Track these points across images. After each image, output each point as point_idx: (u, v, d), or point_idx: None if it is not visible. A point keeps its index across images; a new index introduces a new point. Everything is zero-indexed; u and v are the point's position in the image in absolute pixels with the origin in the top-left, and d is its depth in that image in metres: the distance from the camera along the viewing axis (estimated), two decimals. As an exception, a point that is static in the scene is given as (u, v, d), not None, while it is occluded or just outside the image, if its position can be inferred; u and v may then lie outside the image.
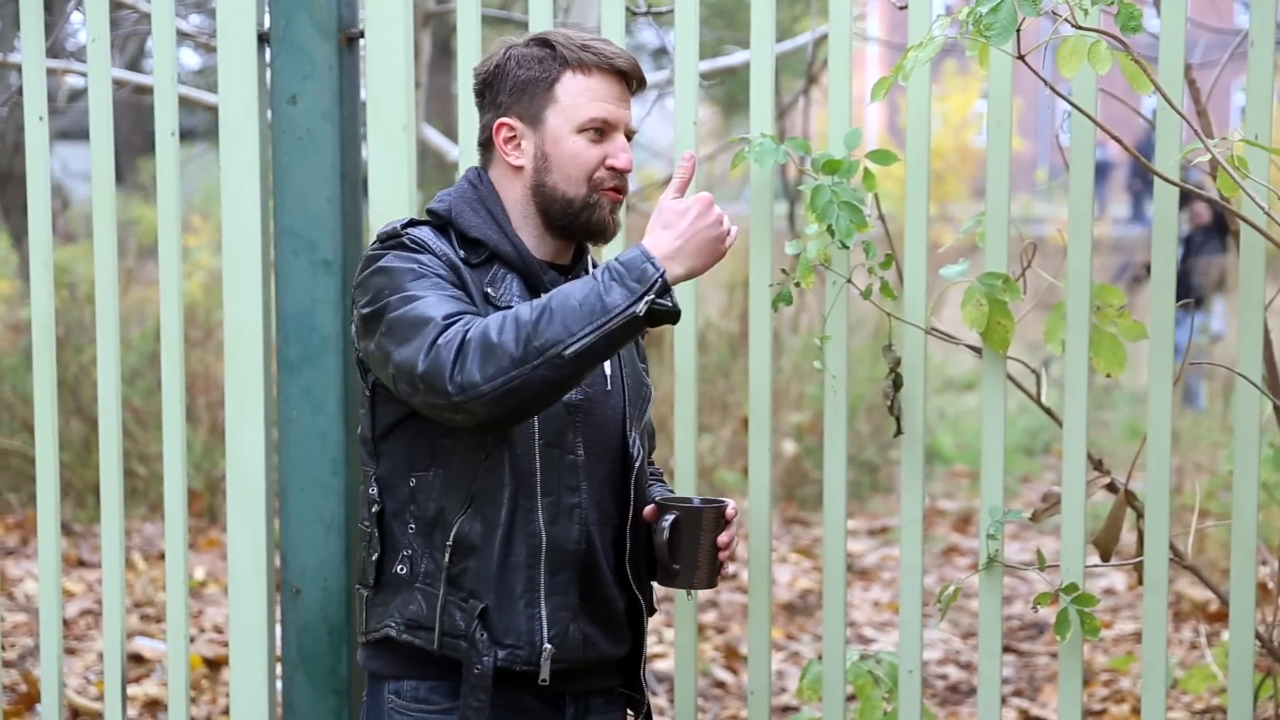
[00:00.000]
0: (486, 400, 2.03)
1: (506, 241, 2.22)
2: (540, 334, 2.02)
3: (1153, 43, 2.57)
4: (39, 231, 3.02)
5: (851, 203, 2.55)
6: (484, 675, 2.16)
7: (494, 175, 2.27)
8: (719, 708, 4.74)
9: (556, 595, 2.19)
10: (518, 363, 2.01)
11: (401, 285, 2.13)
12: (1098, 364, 2.63)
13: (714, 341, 8.05)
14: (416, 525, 2.23)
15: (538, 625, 2.18)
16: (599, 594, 2.25)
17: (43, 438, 3.04)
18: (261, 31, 2.89)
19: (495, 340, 2.02)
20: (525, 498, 2.18)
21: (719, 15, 10.34)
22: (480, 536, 2.18)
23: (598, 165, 2.21)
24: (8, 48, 6.32)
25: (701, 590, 2.30)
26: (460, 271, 2.18)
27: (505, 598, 2.18)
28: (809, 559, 6.50)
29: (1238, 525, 2.59)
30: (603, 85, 2.21)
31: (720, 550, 2.25)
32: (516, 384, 2.02)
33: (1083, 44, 2.29)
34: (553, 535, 2.18)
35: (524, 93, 2.22)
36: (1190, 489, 5.96)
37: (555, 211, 2.23)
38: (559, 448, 2.19)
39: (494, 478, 2.17)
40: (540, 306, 2.04)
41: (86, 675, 4.83)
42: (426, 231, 2.22)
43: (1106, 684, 4.84)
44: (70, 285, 7.56)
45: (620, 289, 2.04)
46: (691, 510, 2.24)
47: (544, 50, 2.22)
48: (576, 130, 2.20)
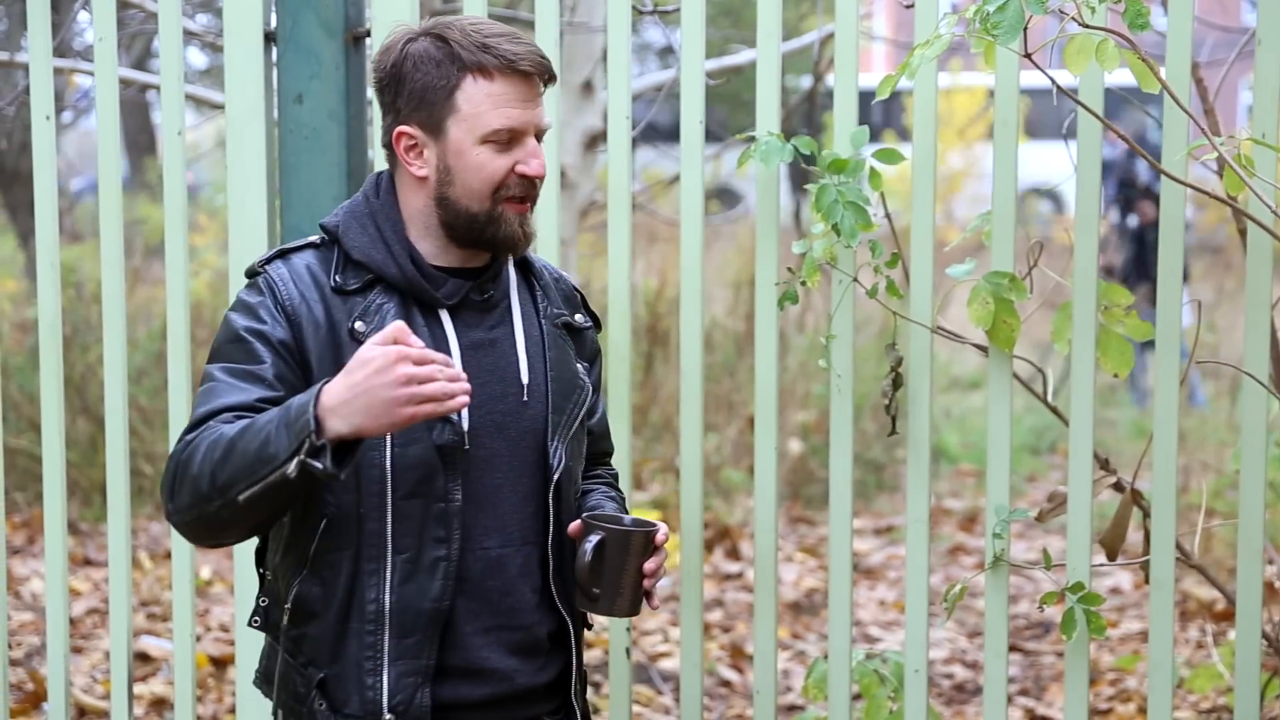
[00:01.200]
0: (187, 526, 1.99)
1: (392, 263, 2.09)
2: (222, 472, 1.93)
3: (1160, 41, 2.57)
4: (46, 231, 3.02)
5: (856, 202, 2.54)
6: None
7: (398, 182, 2.14)
8: (724, 707, 4.74)
9: (404, 660, 2.06)
10: (205, 499, 1.95)
11: (219, 349, 2.07)
12: (1105, 364, 2.63)
13: (720, 340, 8.05)
14: (269, 574, 2.16)
15: (377, 695, 2.06)
16: (517, 622, 2.13)
17: (49, 436, 3.05)
18: (268, 31, 2.89)
19: (195, 471, 1.95)
20: (370, 559, 2.06)
21: (725, 14, 10.34)
22: (319, 601, 2.08)
23: (505, 176, 2.06)
24: (15, 47, 6.32)
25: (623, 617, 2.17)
26: (300, 322, 2.05)
27: (345, 667, 2.07)
28: (815, 558, 6.50)
29: (1244, 524, 2.59)
30: (507, 89, 2.04)
31: (646, 577, 2.10)
32: (208, 518, 1.96)
33: (1090, 42, 2.29)
34: (403, 596, 2.06)
35: (423, 100, 2.06)
36: (1197, 488, 5.95)
37: (459, 225, 2.09)
38: (423, 497, 2.06)
39: (333, 540, 2.06)
40: (230, 439, 1.93)
41: (93, 674, 4.84)
42: (295, 264, 2.10)
43: (1113, 683, 4.83)
44: (77, 284, 7.57)
45: (284, 434, 1.88)
46: (619, 533, 2.09)
47: (442, 50, 2.05)
48: (480, 141, 2.05)
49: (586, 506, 2.25)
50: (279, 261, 2.13)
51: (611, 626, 2.80)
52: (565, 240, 4.67)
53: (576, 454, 2.21)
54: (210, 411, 2.00)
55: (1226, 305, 9.20)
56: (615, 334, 2.78)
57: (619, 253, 2.77)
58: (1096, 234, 2.61)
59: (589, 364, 2.26)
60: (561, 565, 2.16)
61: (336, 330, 2.07)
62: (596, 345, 2.31)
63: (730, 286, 8.81)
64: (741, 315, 8.26)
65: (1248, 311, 2.57)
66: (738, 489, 7.01)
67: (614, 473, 2.41)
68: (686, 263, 2.76)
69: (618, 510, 2.28)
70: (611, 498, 2.32)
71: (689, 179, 2.75)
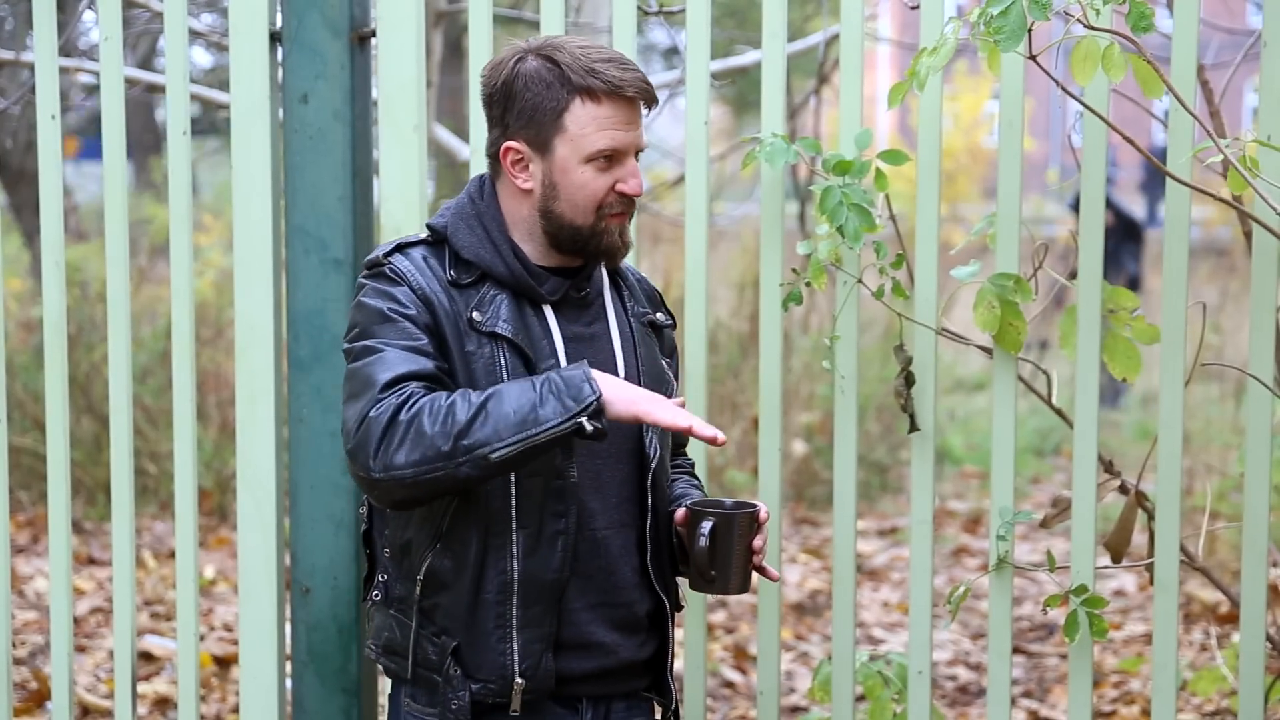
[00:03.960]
0: (408, 484, 2.07)
1: (500, 262, 2.21)
2: (471, 434, 2.04)
3: (1165, 43, 2.57)
4: (51, 230, 3.03)
5: (861, 204, 2.54)
6: (461, 710, 2.18)
7: (501, 190, 2.25)
8: (728, 708, 4.74)
9: (530, 628, 2.18)
10: (445, 457, 2.05)
11: (369, 329, 2.16)
12: (1113, 368, 2.62)
13: (724, 341, 8.05)
14: (391, 551, 2.26)
15: (509, 660, 2.18)
16: (619, 600, 2.25)
17: (54, 436, 3.05)
18: (273, 30, 2.89)
19: (428, 431, 2.05)
20: (497, 534, 2.17)
21: (730, 15, 10.33)
22: (451, 574, 2.19)
23: (607, 193, 2.19)
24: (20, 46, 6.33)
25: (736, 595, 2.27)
26: (435, 306, 2.17)
27: (476, 634, 2.19)
28: (818, 559, 6.50)
29: (1249, 527, 2.58)
30: (612, 112, 2.16)
31: (754, 554, 2.22)
32: (439, 476, 2.06)
33: (1096, 49, 2.28)
34: (528, 568, 2.18)
35: (531, 119, 2.17)
36: (1201, 490, 5.95)
37: (564, 236, 2.21)
38: (542, 475, 2.17)
39: (463, 516, 2.17)
40: (478, 405, 2.06)
41: (96, 673, 4.84)
42: (414, 256, 2.21)
43: (1116, 685, 4.83)
44: (82, 284, 7.58)
45: (556, 404, 2.05)
46: (726, 516, 2.20)
47: (552, 72, 2.16)
48: (585, 160, 2.17)
49: (675, 494, 2.36)
50: (399, 254, 2.22)
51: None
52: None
53: (666, 444, 2.33)
54: (400, 375, 2.10)
55: (1231, 307, 9.20)
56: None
57: (623, 253, 2.77)
58: (1102, 236, 2.61)
59: (670, 359, 2.40)
60: (659, 548, 2.28)
61: (458, 319, 2.18)
62: (674, 342, 2.44)
63: (735, 287, 8.81)
64: (746, 316, 8.26)
65: (1252, 313, 2.57)
66: (742, 490, 7.01)
67: (691, 462, 2.54)
68: (691, 263, 2.76)
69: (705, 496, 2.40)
70: (696, 486, 2.45)
71: (694, 179, 2.75)
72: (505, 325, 2.18)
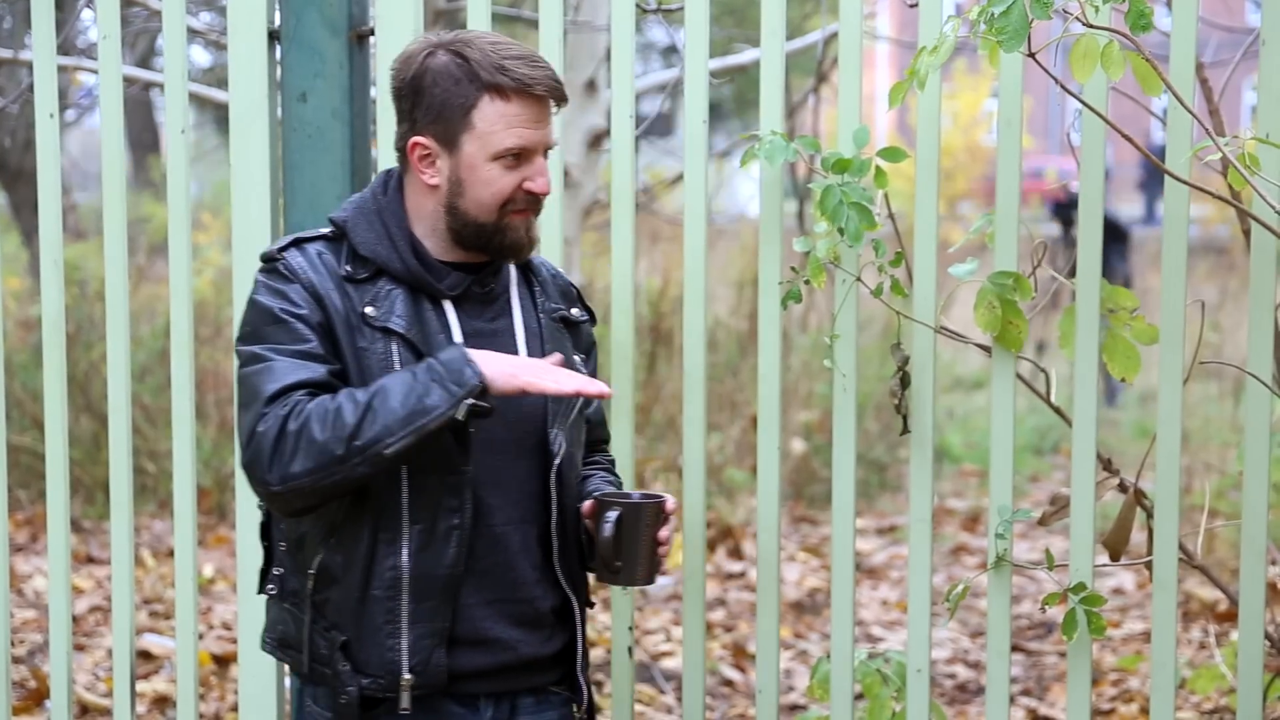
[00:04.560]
0: (306, 492, 2.09)
1: (396, 258, 2.20)
2: (363, 434, 2.05)
3: (1164, 41, 2.56)
4: (49, 228, 3.02)
5: (860, 203, 2.54)
6: (350, 705, 2.19)
7: (408, 184, 2.24)
8: (727, 706, 4.74)
9: (421, 623, 2.18)
10: (339, 460, 2.06)
11: (260, 331, 2.17)
12: (1112, 369, 2.62)
13: (723, 340, 8.06)
14: (286, 545, 2.27)
15: (397, 656, 2.18)
16: (519, 596, 2.24)
17: (52, 434, 3.05)
18: (272, 29, 2.89)
19: (319, 437, 2.06)
20: (388, 530, 2.17)
21: (729, 13, 10.33)
22: (341, 569, 2.19)
23: (513, 191, 2.18)
24: (19, 45, 6.33)
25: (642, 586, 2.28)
26: (327, 304, 2.16)
27: (365, 630, 2.19)
28: (817, 557, 6.50)
29: (1247, 525, 2.58)
30: (521, 110, 2.15)
31: (659, 545, 2.24)
32: (337, 479, 2.08)
33: (1095, 46, 2.28)
34: (419, 564, 2.17)
35: (439, 115, 2.16)
36: (1200, 488, 5.95)
37: (468, 233, 2.20)
38: (437, 470, 2.17)
39: (356, 511, 2.17)
40: (364, 404, 2.07)
41: (95, 672, 4.85)
42: (309, 252, 2.21)
43: (1115, 683, 4.83)
44: (80, 282, 7.58)
45: (440, 390, 2.07)
46: (632, 506, 2.22)
47: (461, 68, 2.15)
48: (492, 158, 2.16)
49: (587, 490, 2.35)
50: (294, 249, 2.22)
51: (614, 625, 2.80)
52: (569, 239, 4.67)
53: (577, 440, 2.33)
54: (285, 386, 2.11)
55: (1230, 305, 9.20)
56: (618, 333, 2.78)
57: (622, 252, 2.77)
58: (1100, 234, 2.60)
59: (585, 356, 2.37)
60: (565, 545, 2.28)
61: (350, 315, 2.18)
62: (593, 338, 2.42)
63: (733, 286, 8.82)
64: (745, 314, 8.26)
65: (1251, 311, 2.57)
66: (740, 488, 7.01)
67: (611, 459, 2.52)
68: (690, 262, 2.76)
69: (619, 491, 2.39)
70: (610, 481, 2.43)
71: (692, 178, 2.75)
72: (399, 321, 2.17)
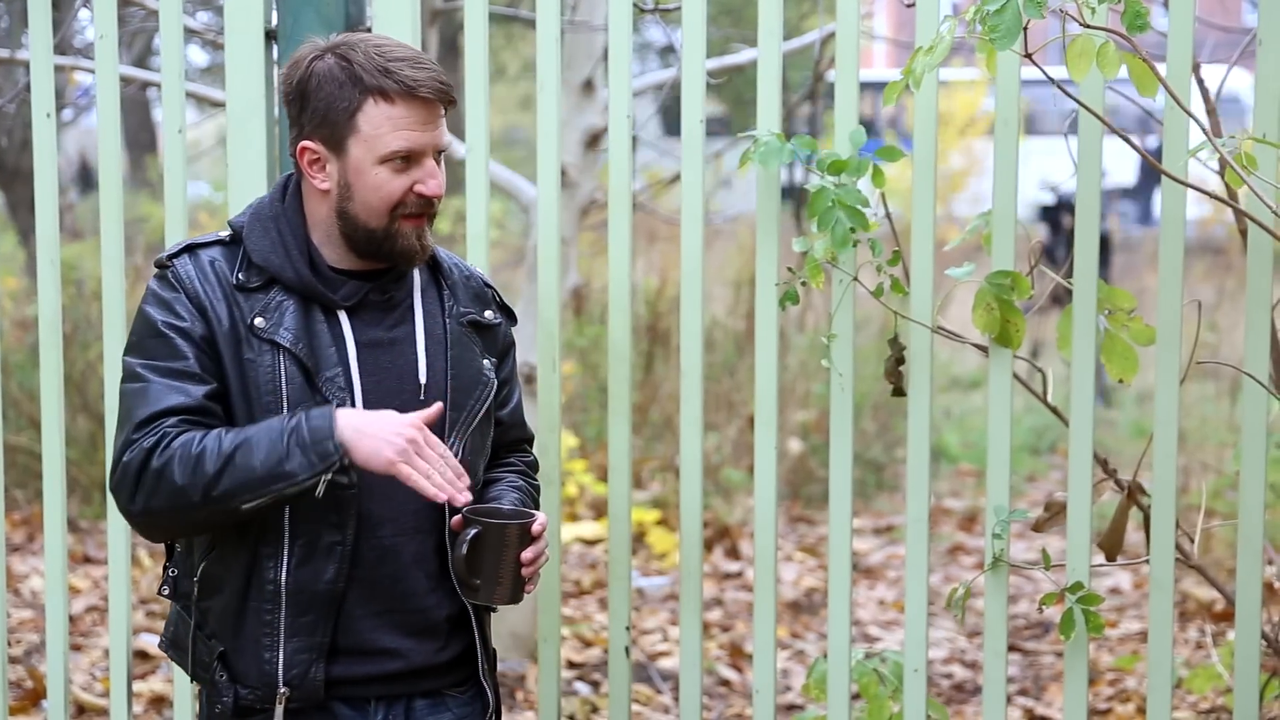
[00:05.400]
0: (163, 528, 2.15)
1: (289, 268, 2.18)
2: (219, 486, 2.06)
3: (1161, 41, 2.57)
4: (46, 228, 3.02)
5: (853, 205, 2.54)
6: (224, 713, 2.20)
7: (304, 189, 2.23)
8: (724, 706, 4.74)
9: (299, 637, 2.17)
10: (195, 507, 2.08)
11: (142, 342, 2.16)
12: (1110, 369, 2.63)
13: (720, 340, 8.05)
14: (182, 547, 2.27)
15: (273, 669, 2.18)
16: (411, 606, 2.22)
17: (49, 434, 3.05)
18: (269, 28, 2.89)
19: (178, 481, 2.07)
20: (269, 544, 2.16)
21: (726, 13, 10.34)
22: (220, 579, 2.20)
23: (403, 195, 2.15)
24: (15, 44, 6.32)
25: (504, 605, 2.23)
26: (210, 317, 2.15)
27: (243, 641, 2.19)
28: (814, 557, 6.50)
29: (1244, 525, 2.59)
30: (407, 113, 2.12)
31: (524, 566, 2.18)
32: (191, 522, 2.12)
33: (1091, 45, 2.28)
34: (299, 578, 2.16)
35: (325, 119, 2.14)
36: (1197, 488, 5.95)
37: (359, 238, 2.18)
38: None
39: (237, 525, 2.15)
40: (226, 456, 2.06)
41: (92, 671, 4.84)
42: (201, 260, 2.19)
43: (1112, 683, 4.83)
44: (77, 282, 7.57)
45: (301, 458, 2.05)
46: (495, 525, 2.17)
47: (345, 71, 2.13)
48: (379, 161, 2.13)
49: (488, 497, 2.31)
50: (186, 256, 2.21)
51: (611, 625, 2.80)
52: (566, 239, 4.67)
53: (478, 448, 2.28)
54: (156, 413, 2.11)
55: (1227, 305, 9.21)
56: (616, 333, 2.78)
57: (619, 252, 2.77)
58: (1097, 234, 2.61)
59: (499, 358, 2.34)
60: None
61: (237, 326, 2.16)
62: (510, 339, 2.38)
63: (731, 285, 8.82)
64: (742, 314, 8.26)
65: (1248, 312, 2.57)
66: (737, 488, 7.01)
67: (529, 459, 2.47)
68: (687, 262, 2.76)
69: (520, 500, 2.33)
70: (517, 486, 2.37)
71: (689, 178, 2.75)
72: (286, 334, 2.15)
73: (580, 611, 5.56)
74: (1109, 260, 10.94)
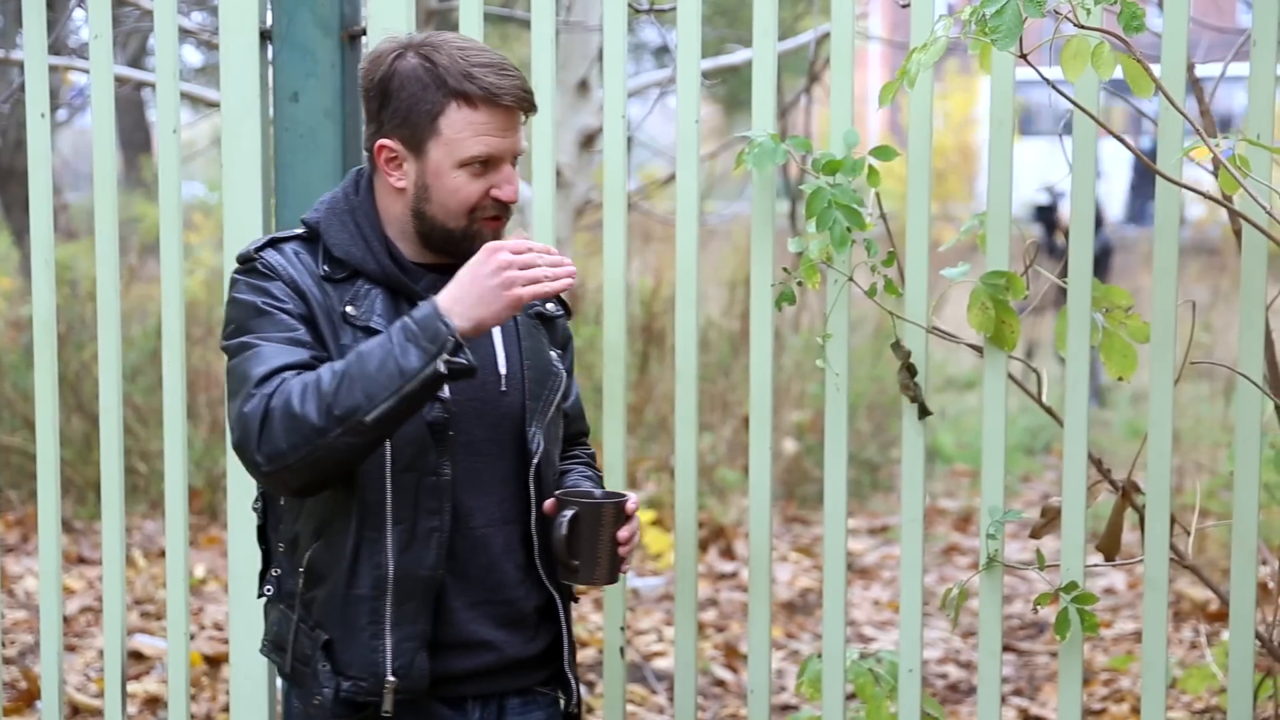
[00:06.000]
0: (294, 469, 2.06)
1: (371, 259, 2.20)
2: (340, 402, 2.03)
3: (1155, 42, 2.57)
4: (40, 228, 3.02)
5: (849, 205, 2.54)
6: (323, 706, 2.18)
7: (377, 185, 2.23)
8: (719, 706, 4.74)
9: (404, 625, 2.17)
10: (320, 432, 2.03)
11: (245, 324, 2.15)
12: (1109, 368, 2.63)
13: (715, 340, 8.05)
14: (284, 545, 2.27)
15: (381, 658, 2.17)
16: (502, 597, 2.23)
17: (44, 434, 3.04)
18: (264, 29, 2.89)
19: (298, 411, 2.04)
20: (372, 528, 2.16)
21: (721, 13, 10.33)
22: (327, 566, 2.19)
23: (480, 199, 2.17)
24: (10, 44, 6.32)
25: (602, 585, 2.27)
26: (309, 298, 2.16)
27: (349, 630, 2.18)
28: (809, 557, 6.50)
29: (1238, 525, 2.59)
30: (488, 118, 2.14)
31: (620, 545, 2.21)
32: (322, 452, 2.04)
33: (1086, 46, 2.28)
34: (402, 565, 2.16)
35: (406, 119, 2.15)
36: (1191, 488, 5.96)
37: (435, 238, 2.20)
38: (417, 471, 2.16)
39: (341, 508, 2.17)
40: (340, 373, 2.04)
41: (87, 672, 4.84)
42: (286, 251, 2.20)
43: (1106, 683, 4.84)
44: (72, 282, 7.56)
45: (416, 351, 2.03)
46: (590, 505, 2.20)
47: (429, 73, 2.13)
48: (458, 165, 2.15)
49: (564, 485, 2.34)
50: (271, 249, 2.22)
51: (606, 625, 2.80)
52: (561, 239, 4.67)
53: (554, 438, 2.32)
54: (272, 369, 2.09)
55: (1222, 306, 9.22)
56: (610, 333, 2.78)
57: (614, 252, 2.77)
58: (1091, 234, 2.61)
59: (562, 350, 2.37)
60: (545, 543, 2.26)
61: (331, 313, 2.18)
62: (568, 332, 2.42)
63: (726, 286, 8.82)
64: (737, 314, 8.26)
65: (1242, 312, 2.58)
66: (732, 488, 7.01)
67: (590, 451, 2.50)
68: (682, 262, 2.75)
69: (593, 486, 2.38)
70: (588, 476, 2.42)
71: (684, 178, 2.75)
72: (380, 320, 2.17)
73: (575, 611, 5.56)
74: (1109, 263, 10.94)
